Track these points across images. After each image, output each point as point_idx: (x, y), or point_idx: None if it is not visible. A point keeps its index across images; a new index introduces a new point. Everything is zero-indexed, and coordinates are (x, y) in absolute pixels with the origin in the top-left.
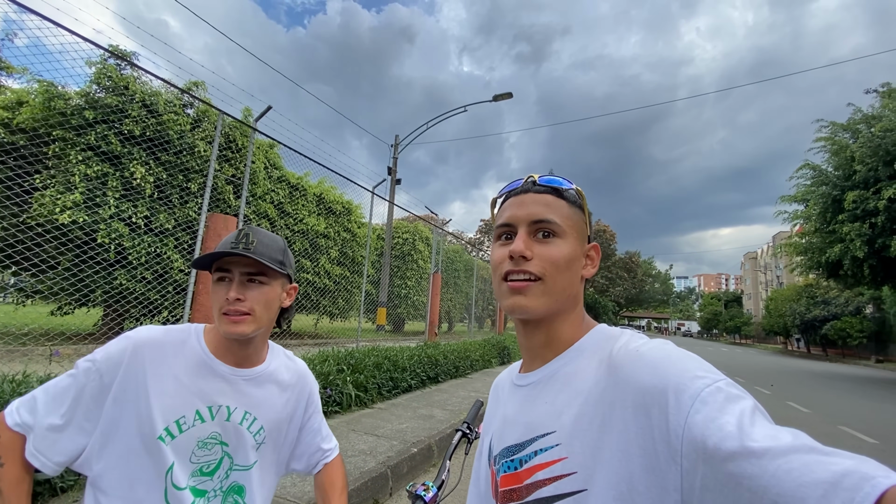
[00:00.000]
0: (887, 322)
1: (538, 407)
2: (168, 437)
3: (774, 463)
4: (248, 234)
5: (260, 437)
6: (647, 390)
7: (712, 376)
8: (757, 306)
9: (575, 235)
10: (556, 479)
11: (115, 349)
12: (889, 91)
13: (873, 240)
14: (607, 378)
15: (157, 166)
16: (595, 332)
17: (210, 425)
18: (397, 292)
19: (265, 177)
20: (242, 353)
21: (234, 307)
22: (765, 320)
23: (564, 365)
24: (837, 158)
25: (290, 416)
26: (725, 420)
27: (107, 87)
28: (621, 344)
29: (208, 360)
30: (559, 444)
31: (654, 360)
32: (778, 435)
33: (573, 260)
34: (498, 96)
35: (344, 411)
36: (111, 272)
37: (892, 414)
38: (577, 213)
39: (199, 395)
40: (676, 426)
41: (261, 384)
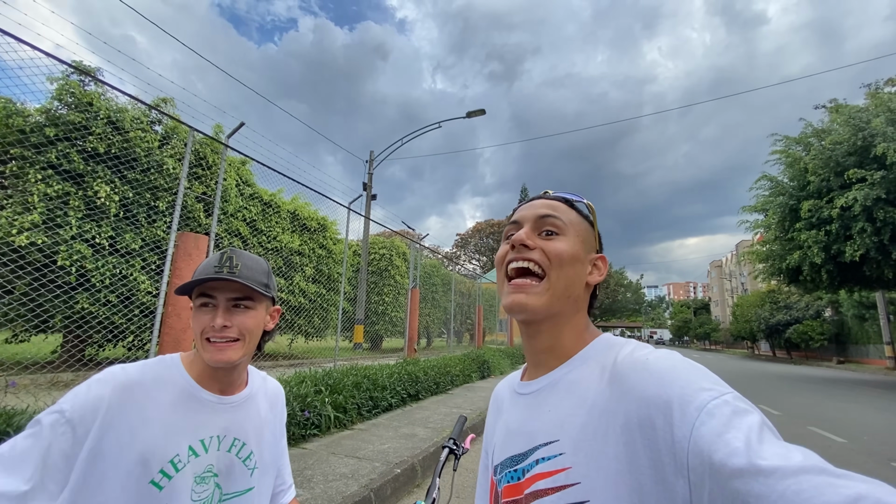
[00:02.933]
0: (845, 324)
1: (541, 415)
2: (164, 478)
3: (783, 483)
4: (231, 256)
5: (251, 462)
6: (652, 401)
7: (719, 388)
8: (724, 313)
9: (580, 239)
10: (559, 489)
11: (88, 396)
12: (836, 107)
13: (829, 246)
14: (611, 388)
15: (122, 185)
16: (599, 340)
17: (204, 458)
18: (374, 309)
19: (237, 194)
20: (227, 379)
21: (222, 333)
22: (732, 326)
23: (568, 373)
24: (792, 170)
25: (276, 436)
26: (732, 435)
27: (69, 104)
28: (626, 353)
29: (194, 390)
30: (563, 454)
31: (660, 370)
32: (788, 454)
33: (576, 259)
34: (471, 113)
35: (323, 434)
36: (72, 296)
37: (857, 413)
38: (585, 223)
39: (189, 429)
40: (682, 438)
41: (246, 409)
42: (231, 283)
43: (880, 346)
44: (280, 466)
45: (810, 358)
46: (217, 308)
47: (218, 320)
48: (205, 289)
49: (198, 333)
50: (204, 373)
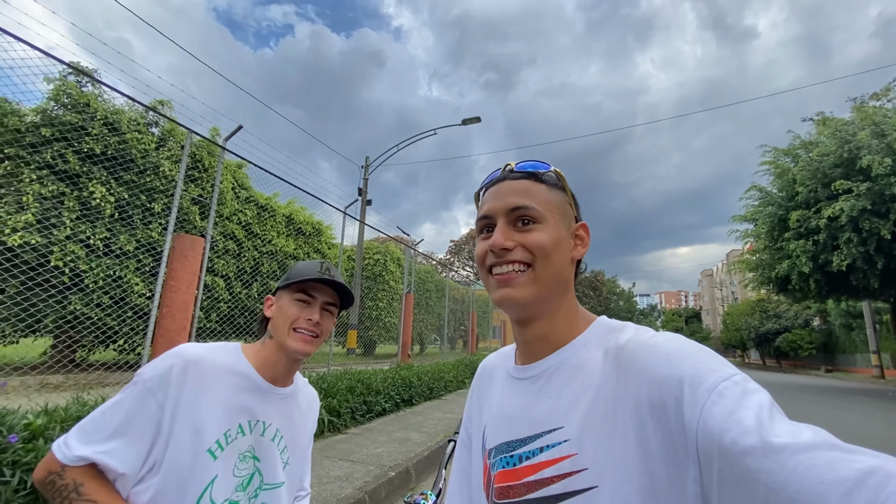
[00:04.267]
0: (833, 333)
1: (542, 402)
2: (219, 449)
3: (795, 459)
4: (329, 267)
5: (285, 456)
6: (662, 382)
7: (728, 370)
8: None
9: (557, 218)
10: (565, 476)
11: (163, 367)
12: (823, 119)
13: (817, 256)
14: (618, 371)
15: (118, 186)
16: (598, 323)
17: (248, 439)
18: (368, 314)
19: (233, 197)
20: (286, 371)
21: (312, 328)
22: (723, 334)
23: (569, 357)
24: (781, 181)
25: (308, 439)
26: (744, 414)
27: (65, 105)
28: (630, 335)
29: (252, 375)
30: (568, 440)
31: (669, 351)
32: (798, 431)
33: (558, 242)
34: (467, 120)
35: (317, 437)
36: (65, 296)
37: (845, 421)
38: (559, 194)
39: (242, 409)
40: (692, 418)
41: (290, 404)
42: (328, 289)
43: (867, 355)
44: (302, 472)
45: (799, 366)
46: (314, 306)
47: (315, 315)
48: (308, 287)
49: (287, 323)
50: (266, 362)
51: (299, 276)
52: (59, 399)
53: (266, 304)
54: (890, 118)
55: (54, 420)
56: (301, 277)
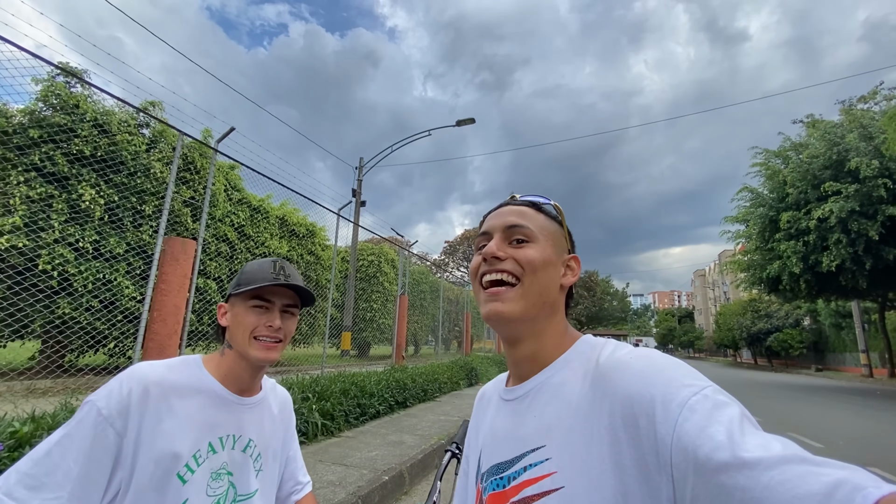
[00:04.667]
0: (823, 333)
1: (527, 421)
2: (188, 472)
3: (767, 474)
4: (283, 266)
5: (258, 464)
6: (634, 400)
7: (699, 383)
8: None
9: (550, 242)
10: (544, 495)
11: (120, 392)
12: (813, 122)
13: (807, 256)
14: (594, 389)
15: (108, 188)
16: (581, 342)
17: (221, 455)
18: (362, 315)
19: (225, 199)
20: (251, 381)
21: (274, 334)
22: (715, 334)
23: (551, 377)
24: (772, 182)
25: (281, 443)
26: (715, 429)
27: (54, 106)
28: (607, 353)
29: (217, 389)
30: (549, 459)
31: (641, 369)
32: (768, 444)
33: (548, 264)
34: (461, 121)
35: (310, 441)
36: (53, 300)
37: (834, 419)
38: (554, 224)
39: (211, 426)
40: (665, 435)
41: (260, 411)
42: (287, 290)
43: (856, 354)
44: (293, 469)
45: (790, 366)
46: (272, 311)
47: (276, 321)
48: (263, 292)
49: (247, 332)
50: (230, 374)
51: (252, 281)
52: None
53: (220, 313)
54: (877, 121)
55: (41, 427)
56: (254, 283)
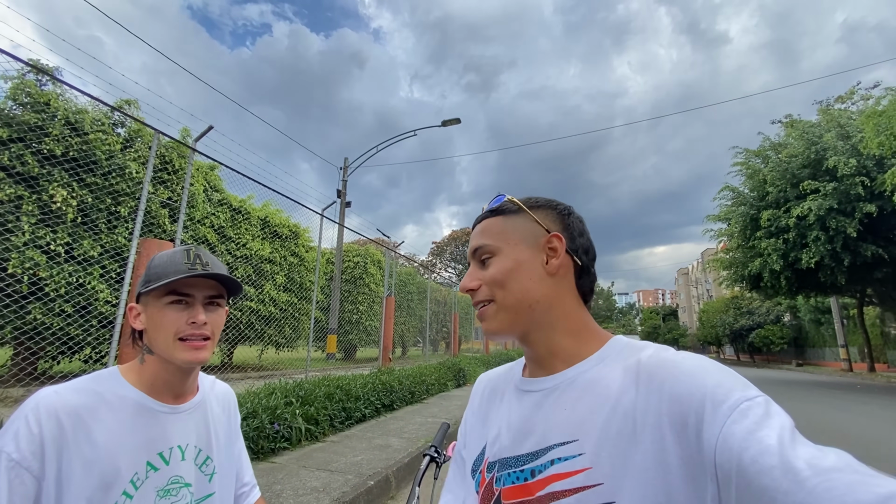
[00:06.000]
0: (803, 329)
1: (555, 414)
2: (127, 499)
3: (814, 480)
4: (199, 254)
5: (210, 467)
6: (683, 399)
7: (752, 392)
8: (691, 319)
9: (514, 242)
10: (578, 491)
11: (29, 431)
12: (791, 122)
13: (787, 254)
14: (637, 387)
15: (81, 189)
16: (615, 340)
17: (165, 471)
18: (348, 318)
19: (205, 199)
20: (184, 385)
21: (200, 331)
22: (699, 331)
23: (584, 372)
24: (752, 181)
25: (228, 441)
26: (765, 433)
27: (24, 104)
28: (651, 352)
29: (146, 402)
30: (582, 454)
31: (691, 368)
32: (822, 454)
33: (514, 269)
34: (447, 122)
35: (293, 447)
36: (24, 306)
37: (815, 413)
38: (517, 219)
39: (145, 444)
40: (711, 436)
41: (200, 415)
42: (207, 281)
43: (835, 349)
44: (239, 469)
45: (772, 361)
46: (194, 305)
47: (200, 316)
48: (179, 286)
49: (171, 334)
50: (157, 381)
51: (164, 275)
52: None
53: (131, 315)
54: (854, 120)
55: None
56: (167, 276)
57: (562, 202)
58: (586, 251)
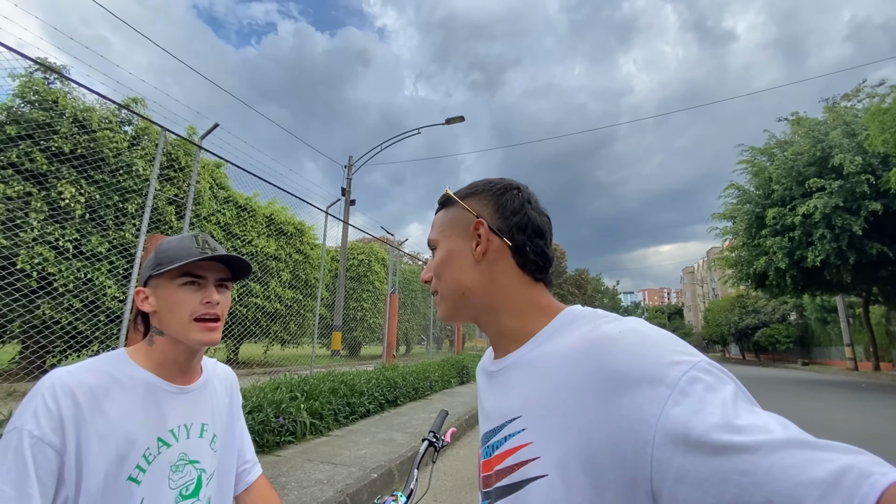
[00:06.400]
0: (809, 328)
1: (507, 393)
2: (140, 473)
3: (768, 459)
4: (206, 239)
5: (215, 445)
6: (621, 378)
7: (689, 359)
8: (696, 317)
9: (448, 233)
10: (522, 465)
11: (47, 407)
12: (798, 119)
13: (793, 252)
14: (577, 363)
15: (88, 186)
16: (564, 314)
17: (176, 447)
18: (353, 315)
19: (210, 197)
20: (190, 365)
21: (213, 311)
22: (704, 330)
23: (532, 350)
24: (758, 179)
25: (231, 420)
26: (709, 412)
27: (32, 102)
28: (591, 326)
29: (155, 382)
30: (525, 429)
31: (628, 344)
32: (767, 426)
33: (447, 259)
34: (450, 119)
35: (298, 441)
36: (33, 300)
37: (820, 412)
38: (451, 210)
39: (155, 422)
40: (649, 416)
41: (206, 394)
42: (217, 263)
43: (841, 348)
44: (241, 447)
45: (777, 360)
46: (207, 286)
47: (215, 296)
48: (193, 268)
49: (186, 314)
50: (166, 362)
51: (177, 258)
52: None
53: (139, 298)
54: (860, 118)
55: None
56: (180, 259)
57: (505, 180)
58: (523, 228)
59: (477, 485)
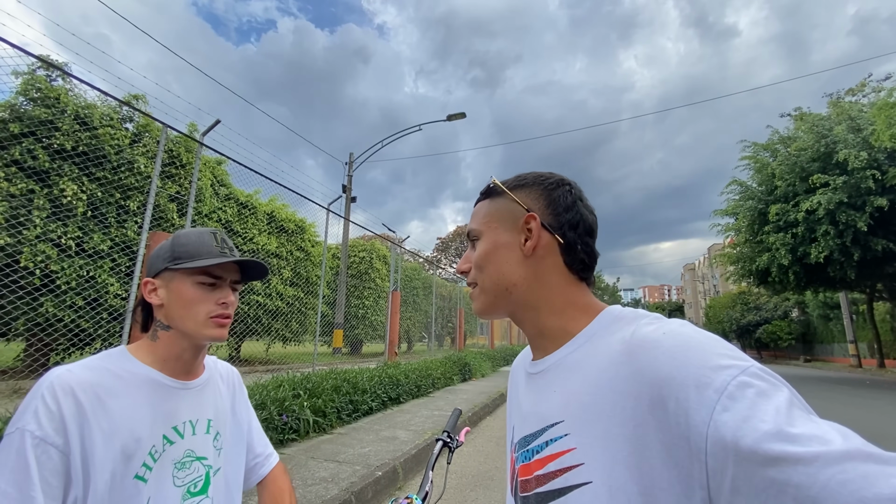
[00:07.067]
0: (811, 324)
1: (548, 396)
2: (147, 471)
3: (826, 472)
4: (224, 238)
5: (219, 442)
6: (664, 382)
7: (739, 363)
8: (697, 314)
9: (495, 225)
10: (565, 471)
11: (49, 407)
12: (801, 115)
13: (795, 248)
14: (619, 366)
15: (90, 183)
16: (604, 315)
17: (181, 444)
18: (354, 312)
19: (212, 194)
20: (195, 361)
21: (227, 311)
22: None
23: (573, 352)
24: (760, 175)
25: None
26: (760, 419)
27: (34, 99)
28: (634, 328)
29: (157, 378)
30: (568, 434)
31: (672, 347)
32: (826, 436)
33: (491, 252)
34: (451, 116)
35: (302, 438)
36: (36, 298)
37: (823, 409)
38: (499, 201)
39: (161, 419)
40: (699, 423)
41: (209, 391)
42: (232, 265)
43: (844, 345)
44: (250, 442)
45: (779, 357)
46: (223, 287)
47: (231, 297)
48: (213, 269)
49: (202, 312)
50: (170, 358)
51: (196, 254)
52: None
53: (146, 289)
54: (865, 113)
55: None
56: (199, 257)
57: (555, 175)
58: (574, 226)
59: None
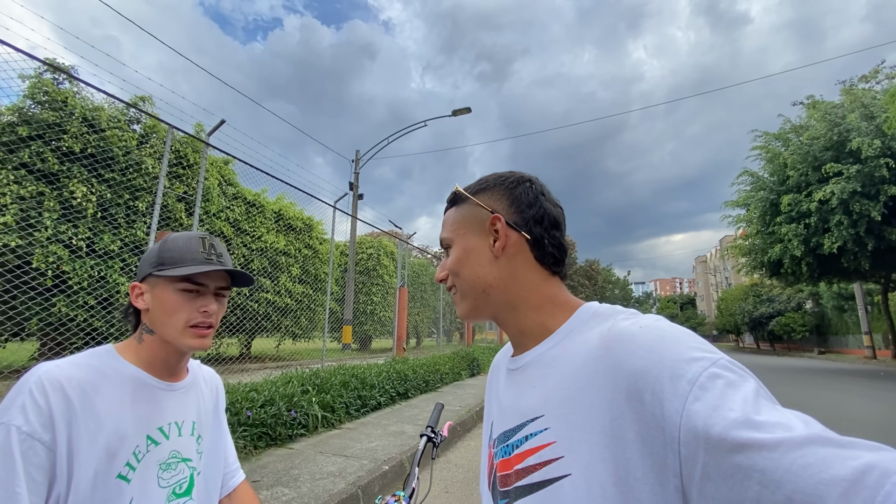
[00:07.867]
0: (826, 316)
1: (527, 391)
2: (130, 471)
3: (789, 456)
4: (212, 244)
5: (201, 445)
6: (640, 374)
7: (709, 356)
8: (709, 307)
9: (462, 231)
10: (544, 465)
11: (36, 402)
12: (813, 103)
13: (808, 239)
14: (597, 360)
15: (99, 184)
16: (582, 311)
17: (166, 445)
18: (363, 309)
19: (219, 194)
20: (179, 364)
21: (208, 319)
22: (717, 320)
23: (552, 347)
24: (772, 165)
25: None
26: (728, 408)
27: (42, 102)
28: (611, 323)
29: (143, 378)
30: (548, 429)
31: (647, 341)
32: (789, 423)
33: (463, 257)
34: (457, 111)
35: (310, 433)
36: (49, 298)
37: (837, 401)
38: (464, 207)
39: (145, 419)
40: (673, 413)
41: (193, 394)
42: (220, 273)
43: (859, 336)
44: (225, 450)
45: (792, 349)
46: (206, 295)
47: (213, 306)
48: (195, 276)
49: (182, 320)
50: (154, 360)
51: (180, 260)
52: None
53: (134, 294)
54: (878, 100)
55: None
56: (184, 264)
57: (516, 173)
58: (539, 221)
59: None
